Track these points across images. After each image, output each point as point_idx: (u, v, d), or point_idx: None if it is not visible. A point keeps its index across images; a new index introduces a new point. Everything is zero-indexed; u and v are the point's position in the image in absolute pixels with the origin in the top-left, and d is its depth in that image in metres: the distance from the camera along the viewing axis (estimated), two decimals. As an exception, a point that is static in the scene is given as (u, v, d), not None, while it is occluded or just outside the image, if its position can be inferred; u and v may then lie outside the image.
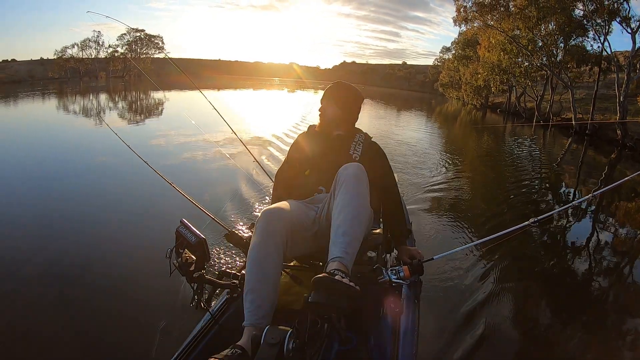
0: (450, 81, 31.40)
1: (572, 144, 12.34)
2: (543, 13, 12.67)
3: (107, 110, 15.55)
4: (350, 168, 1.32)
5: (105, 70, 44.52)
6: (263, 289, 1.21)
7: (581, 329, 2.45)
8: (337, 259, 1.12)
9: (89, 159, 6.15)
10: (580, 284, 3.09)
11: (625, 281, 3.22)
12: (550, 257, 3.55)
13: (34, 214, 3.70)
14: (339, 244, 1.16)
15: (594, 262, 3.46)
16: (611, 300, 2.91)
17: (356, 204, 1.24)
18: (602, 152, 10.89)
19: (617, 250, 3.82)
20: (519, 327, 2.39)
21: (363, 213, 1.25)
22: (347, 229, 1.18)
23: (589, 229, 4.39)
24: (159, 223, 3.41)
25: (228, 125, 2.59)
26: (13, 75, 40.55)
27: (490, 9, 14.17)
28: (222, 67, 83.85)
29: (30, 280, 2.55)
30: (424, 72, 63.26)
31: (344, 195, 1.25)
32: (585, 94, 18.90)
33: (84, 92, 25.41)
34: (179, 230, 1.24)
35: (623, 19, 12.03)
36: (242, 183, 4.62)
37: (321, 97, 1.70)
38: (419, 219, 3.84)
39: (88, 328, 2.11)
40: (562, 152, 10.82)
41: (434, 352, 2.01)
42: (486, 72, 18.13)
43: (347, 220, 1.20)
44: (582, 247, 3.80)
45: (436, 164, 7.05)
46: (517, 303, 2.63)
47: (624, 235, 4.31)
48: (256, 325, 1.15)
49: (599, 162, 9.61)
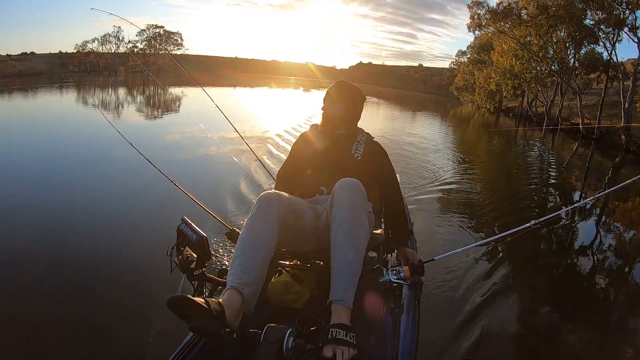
0: (465, 85, 31.68)
1: (580, 147, 12.86)
2: (553, 21, 13.27)
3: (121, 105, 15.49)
4: (345, 191, 1.29)
5: (124, 65, 45.47)
6: (252, 258, 1.19)
7: (582, 330, 2.46)
8: (339, 302, 1.13)
9: (93, 154, 6.12)
10: (583, 286, 3.10)
11: (627, 283, 3.22)
12: (552, 258, 3.57)
13: (35, 207, 3.71)
14: (340, 283, 1.17)
15: (596, 264, 3.50)
16: (613, 302, 2.92)
17: (354, 237, 1.23)
18: (608, 156, 11.42)
19: (619, 252, 3.84)
20: (519, 328, 2.39)
21: (362, 244, 1.25)
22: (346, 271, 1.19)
23: (592, 231, 4.43)
24: (160, 220, 3.40)
25: (231, 124, 2.59)
26: (32, 67, 41.24)
27: (503, 17, 14.80)
28: (238, 64, 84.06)
29: (29, 273, 2.55)
30: (440, 75, 63.01)
31: (341, 229, 1.23)
32: (595, 100, 19.25)
33: (104, 86, 25.88)
34: (180, 228, 1.24)
35: (631, 29, 12.56)
36: (244, 182, 4.60)
37: (324, 96, 1.71)
38: (421, 219, 3.78)
39: (87, 324, 2.10)
40: (569, 155, 11.34)
41: (434, 353, 2.01)
42: (498, 77, 18.75)
43: (346, 261, 1.20)
44: (585, 249, 3.83)
45: (443, 164, 7.20)
46: (518, 304, 2.63)
47: (626, 237, 4.35)
48: (238, 288, 1.12)
49: (605, 166, 10.10)
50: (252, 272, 1.17)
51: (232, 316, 1.07)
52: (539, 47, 14.74)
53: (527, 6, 14.11)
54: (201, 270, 1.19)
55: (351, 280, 1.17)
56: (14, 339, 1.97)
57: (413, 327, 1.33)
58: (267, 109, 16.88)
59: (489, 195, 5.49)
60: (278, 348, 1.03)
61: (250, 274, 1.16)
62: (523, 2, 14.39)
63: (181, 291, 2.17)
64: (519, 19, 14.58)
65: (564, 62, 14.79)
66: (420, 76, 73.96)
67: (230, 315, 1.06)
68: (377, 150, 1.71)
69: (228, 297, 1.10)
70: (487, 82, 21.87)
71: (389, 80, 76.73)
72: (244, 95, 25.82)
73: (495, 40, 17.30)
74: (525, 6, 14.21)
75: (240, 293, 1.11)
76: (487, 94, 24.35)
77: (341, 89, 1.70)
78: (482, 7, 15.28)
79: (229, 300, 1.09)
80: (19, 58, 43.19)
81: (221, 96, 20.60)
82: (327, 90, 1.71)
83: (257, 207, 1.28)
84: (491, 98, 24.95)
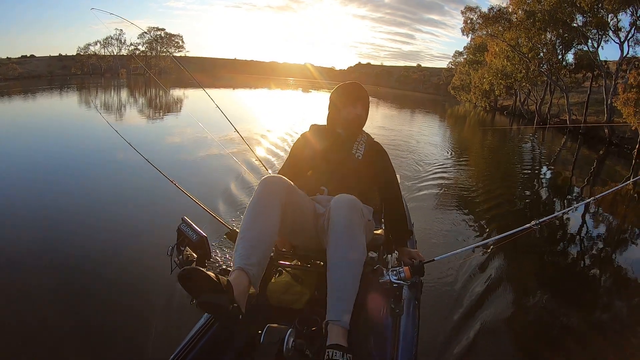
0: (462, 84, 32.53)
1: (567, 142, 13.80)
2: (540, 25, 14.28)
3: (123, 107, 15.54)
4: (342, 210, 1.29)
5: (126, 68, 46.02)
6: (257, 238, 1.21)
7: (583, 330, 2.47)
8: (336, 323, 1.13)
9: (93, 155, 6.14)
10: (583, 286, 3.11)
11: (626, 282, 3.25)
12: (553, 259, 3.59)
13: (35, 208, 3.72)
14: (336, 305, 1.16)
15: (596, 265, 3.53)
16: (612, 301, 2.94)
17: (350, 258, 1.24)
18: (593, 149, 12.34)
19: (619, 251, 3.91)
20: (520, 329, 2.40)
21: (358, 264, 1.25)
22: (342, 293, 1.18)
23: (592, 231, 4.46)
24: (160, 220, 3.41)
25: (231, 124, 2.62)
26: (33, 70, 41.72)
27: (494, 21, 15.78)
28: (238, 66, 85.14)
29: (29, 274, 2.56)
30: (438, 75, 63.30)
31: (337, 252, 1.24)
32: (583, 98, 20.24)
33: (106, 87, 25.90)
34: (181, 228, 1.23)
35: (614, 31, 13.53)
36: (244, 182, 4.60)
37: (336, 97, 1.66)
38: (421, 220, 3.78)
39: (86, 323, 2.11)
40: (558, 149, 12.21)
41: (434, 353, 2.01)
42: (491, 77, 19.75)
43: (342, 282, 1.20)
44: (585, 250, 3.86)
45: (441, 159, 7.38)
46: (519, 305, 2.63)
47: (626, 237, 4.44)
48: (245, 269, 1.14)
49: (590, 157, 10.97)
50: (257, 252, 1.20)
51: (240, 294, 1.09)
52: (528, 49, 15.74)
53: (516, 11, 15.13)
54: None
55: (348, 300, 1.18)
56: (15, 340, 1.98)
57: (413, 328, 1.35)
58: (267, 110, 17.13)
59: (488, 193, 5.45)
60: (278, 348, 1.04)
61: (255, 255, 1.19)
62: (513, 8, 15.43)
63: (180, 290, 2.08)
64: (508, 23, 15.60)
65: (551, 63, 15.79)
66: (418, 76, 74.37)
67: (238, 293, 1.08)
68: (378, 151, 1.70)
69: (236, 276, 1.13)
70: (481, 82, 22.93)
71: (387, 80, 77.39)
72: (244, 96, 25.83)
73: (489, 42, 18.33)
74: (515, 11, 15.24)
75: (247, 273, 1.15)
76: (481, 93, 25.35)
77: (364, 94, 1.66)
78: (474, 12, 16.29)
79: (236, 279, 1.11)
80: (19, 61, 43.53)
81: (221, 97, 18.82)
82: (337, 91, 1.67)
83: (259, 189, 1.31)
84: (486, 97, 25.93)
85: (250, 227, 1.24)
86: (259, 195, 1.29)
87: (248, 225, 1.24)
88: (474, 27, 16.58)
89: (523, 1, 14.95)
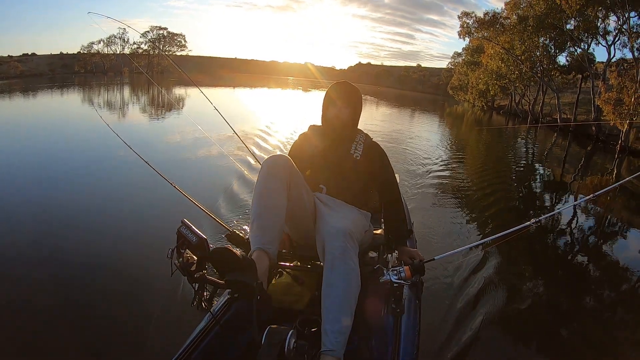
0: (460, 85, 33.30)
1: (558, 138, 14.75)
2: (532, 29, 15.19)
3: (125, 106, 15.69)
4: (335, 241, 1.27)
5: (128, 66, 45.23)
6: (269, 217, 1.27)
7: (583, 328, 2.49)
8: (330, 353, 1.12)
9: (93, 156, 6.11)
10: (581, 284, 3.13)
11: (625, 280, 3.26)
12: (551, 256, 3.60)
13: (33, 211, 3.69)
14: (331, 334, 1.15)
15: (595, 262, 3.56)
16: (613, 299, 2.96)
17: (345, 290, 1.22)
18: (582, 145, 13.26)
19: (617, 248, 3.93)
20: (520, 328, 2.41)
21: (353, 296, 1.24)
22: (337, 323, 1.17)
23: (591, 228, 4.50)
24: (160, 223, 3.39)
25: (229, 125, 2.61)
26: (34, 69, 41.21)
27: (488, 25, 16.71)
28: (238, 65, 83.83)
29: (29, 275, 2.56)
30: (438, 75, 63.31)
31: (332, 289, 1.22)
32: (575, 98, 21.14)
33: (109, 86, 25.64)
34: (180, 231, 1.20)
35: (602, 35, 14.44)
36: (243, 184, 4.60)
37: (326, 97, 1.66)
38: (421, 219, 3.78)
39: (87, 326, 2.12)
40: (549, 146, 13.05)
41: (435, 353, 2.01)
42: (486, 78, 20.67)
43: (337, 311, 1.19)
44: (584, 247, 3.90)
45: (439, 160, 7.43)
46: (519, 303, 2.64)
47: (624, 234, 4.48)
48: (263, 248, 1.20)
49: (579, 153, 11.82)
50: (271, 231, 1.26)
51: (262, 273, 1.14)
52: (521, 51, 16.64)
53: (510, 16, 16.07)
54: (202, 272, 1.16)
55: (342, 329, 1.16)
56: (15, 340, 2.00)
57: (414, 327, 1.35)
58: (266, 110, 17.25)
59: (486, 190, 5.49)
60: (280, 349, 1.06)
61: (270, 234, 1.25)
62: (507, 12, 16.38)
63: (181, 293, 2.27)
64: (502, 27, 16.52)
65: (542, 64, 16.72)
66: (418, 76, 74.56)
67: (260, 272, 1.13)
68: (376, 151, 1.69)
69: (257, 256, 1.18)
70: (477, 82, 23.88)
71: (387, 80, 77.52)
72: (244, 95, 25.34)
73: (485, 44, 19.24)
74: (509, 16, 16.17)
75: (266, 252, 1.20)
76: (478, 93, 26.25)
77: (349, 92, 1.64)
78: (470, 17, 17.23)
79: (258, 259, 1.17)
80: (20, 59, 42.82)
81: (221, 97, 20.32)
82: (327, 91, 1.67)
83: (264, 169, 1.35)
84: (483, 97, 26.77)
85: (259, 210, 1.30)
86: (264, 175, 1.35)
87: (258, 206, 1.31)
88: (470, 31, 17.52)
89: (517, 6, 15.90)
